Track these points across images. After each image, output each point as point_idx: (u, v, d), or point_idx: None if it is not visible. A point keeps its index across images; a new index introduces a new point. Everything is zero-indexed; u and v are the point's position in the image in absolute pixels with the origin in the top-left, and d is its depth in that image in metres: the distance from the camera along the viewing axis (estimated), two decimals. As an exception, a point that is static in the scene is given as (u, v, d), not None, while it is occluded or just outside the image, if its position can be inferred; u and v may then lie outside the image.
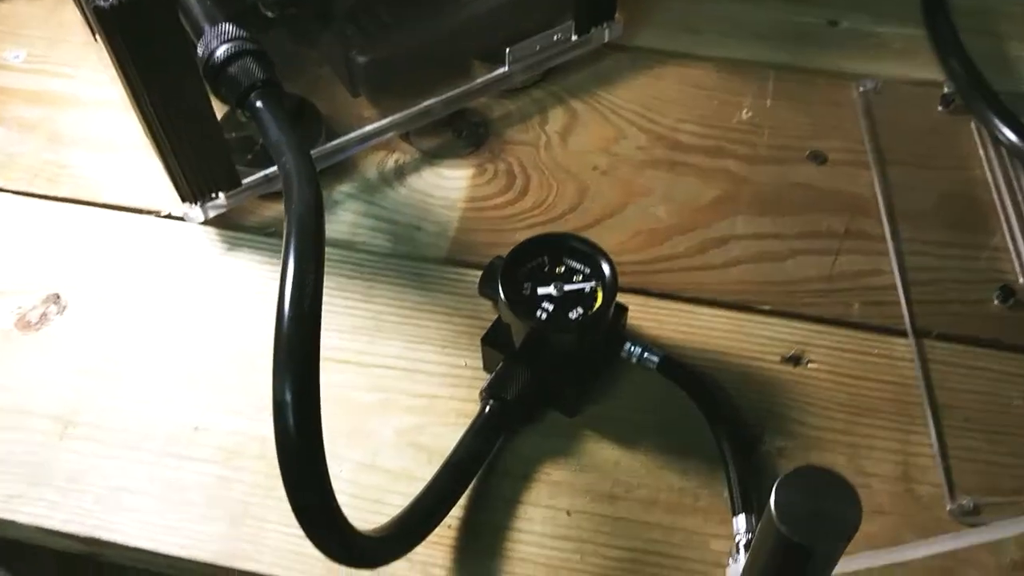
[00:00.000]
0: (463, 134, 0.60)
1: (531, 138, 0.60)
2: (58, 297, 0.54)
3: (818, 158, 0.59)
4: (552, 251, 0.48)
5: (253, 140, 0.56)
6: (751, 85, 0.62)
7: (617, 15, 0.62)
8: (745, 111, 0.61)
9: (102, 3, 0.42)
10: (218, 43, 0.47)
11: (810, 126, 0.60)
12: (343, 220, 0.57)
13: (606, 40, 0.63)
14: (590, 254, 0.47)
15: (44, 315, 0.53)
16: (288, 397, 0.34)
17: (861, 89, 0.61)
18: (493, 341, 0.49)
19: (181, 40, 0.46)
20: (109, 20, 0.43)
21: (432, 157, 0.59)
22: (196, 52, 0.47)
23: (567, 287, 0.47)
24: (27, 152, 0.60)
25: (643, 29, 0.66)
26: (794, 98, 0.62)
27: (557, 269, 0.47)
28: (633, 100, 0.62)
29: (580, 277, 0.47)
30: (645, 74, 0.63)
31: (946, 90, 0.60)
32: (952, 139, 0.59)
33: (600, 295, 0.46)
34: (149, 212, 0.57)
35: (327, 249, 0.55)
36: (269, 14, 0.50)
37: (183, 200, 0.53)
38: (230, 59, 0.46)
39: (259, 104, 0.45)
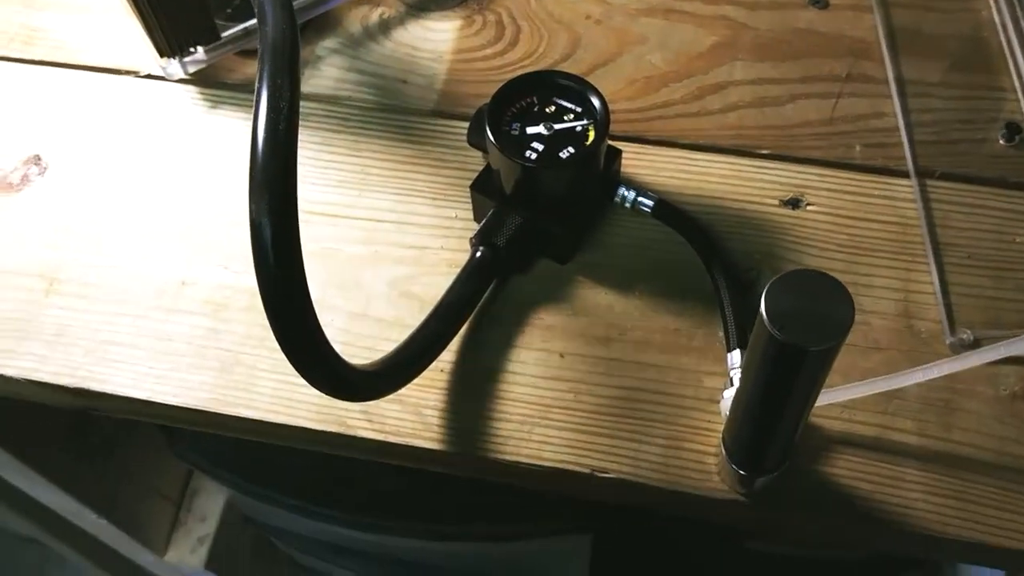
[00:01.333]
0: (452, -14, 0.58)
1: (523, -8, 0.58)
2: (39, 159, 0.53)
3: (819, 3, 0.56)
4: (541, 90, 0.46)
5: (232, -6, 0.54)
6: (750, -70, 0.60)
7: None
8: (744, -44, 0.58)
9: None
10: None
11: (811, -30, 0.58)
12: (327, 75, 0.55)
13: None
14: (580, 91, 0.46)
15: (25, 176, 0.52)
16: (265, 217, 0.33)
17: (865, -70, 0.59)
18: (483, 188, 0.47)
19: None
20: None
21: (418, 10, 0.57)
22: None
23: (557, 126, 0.45)
24: (0, 17, 0.58)
25: None
26: (795, -58, 0.59)
27: (547, 109, 0.46)
28: (627, -52, 0.59)
29: (571, 116, 0.46)
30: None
31: (954, -71, 0.58)
32: (959, -21, 0.57)
33: (592, 132, 0.45)
34: (128, 72, 0.56)
35: (311, 104, 0.54)
36: None
37: (161, 55, 0.52)
38: None
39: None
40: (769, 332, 0.30)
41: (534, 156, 0.45)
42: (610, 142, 0.47)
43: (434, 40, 0.56)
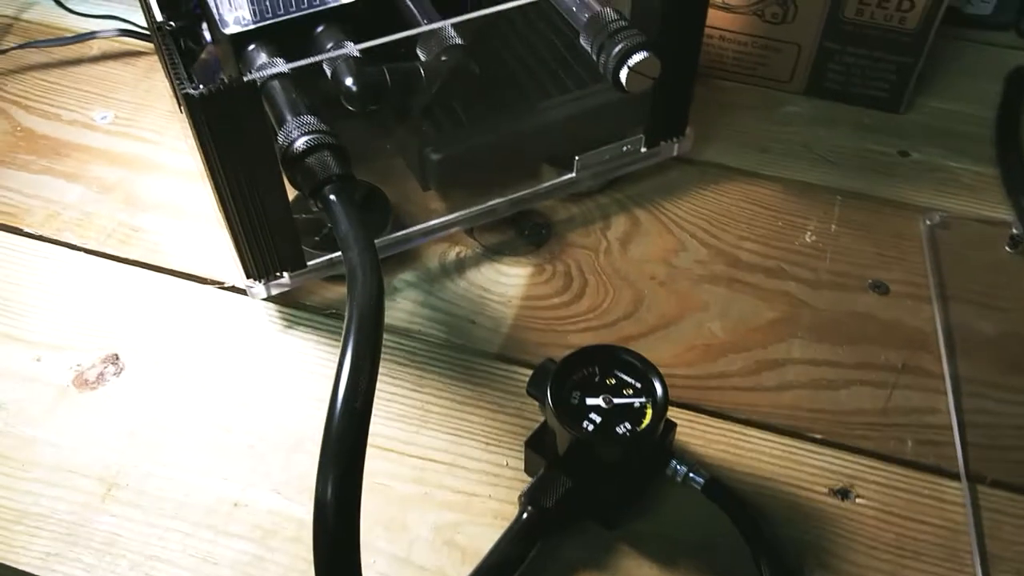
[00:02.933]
0: (526, 233, 0.61)
1: (592, 242, 0.61)
2: (117, 358, 0.55)
3: (879, 288, 0.58)
4: (604, 362, 0.48)
5: (321, 223, 0.57)
6: (817, 209, 0.62)
7: (688, 130, 0.63)
8: (809, 234, 0.61)
9: (191, 91, 0.44)
10: (298, 134, 0.48)
11: (874, 255, 0.60)
12: (401, 308, 0.57)
13: (675, 154, 0.63)
14: (642, 370, 0.47)
15: (101, 375, 0.54)
16: (330, 497, 0.34)
17: (928, 223, 0.61)
18: (537, 445, 0.48)
19: (263, 129, 0.48)
20: (197, 107, 0.45)
21: (493, 253, 0.60)
22: (276, 139, 0.48)
23: (616, 400, 0.46)
24: (103, 212, 0.62)
25: (714, 144, 0.66)
26: (859, 226, 0.62)
27: (608, 381, 0.47)
28: (697, 214, 0.62)
29: (630, 391, 0.47)
30: (711, 189, 0.64)
31: (1014, 231, 0.60)
32: (1018, 281, 0.59)
33: (649, 413, 0.46)
34: (213, 282, 0.59)
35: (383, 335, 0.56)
36: (351, 108, 0.52)
37: (248, 276, 0.54)
38: (308, 151, 0.48)
39: (332, 198, 0.47)
40: None
41: (591, 428, 0.46)
42: (666, 412, 0.48)
43: (505, 284, 0.59)
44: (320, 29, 0.55)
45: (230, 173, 0.48)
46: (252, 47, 0.54)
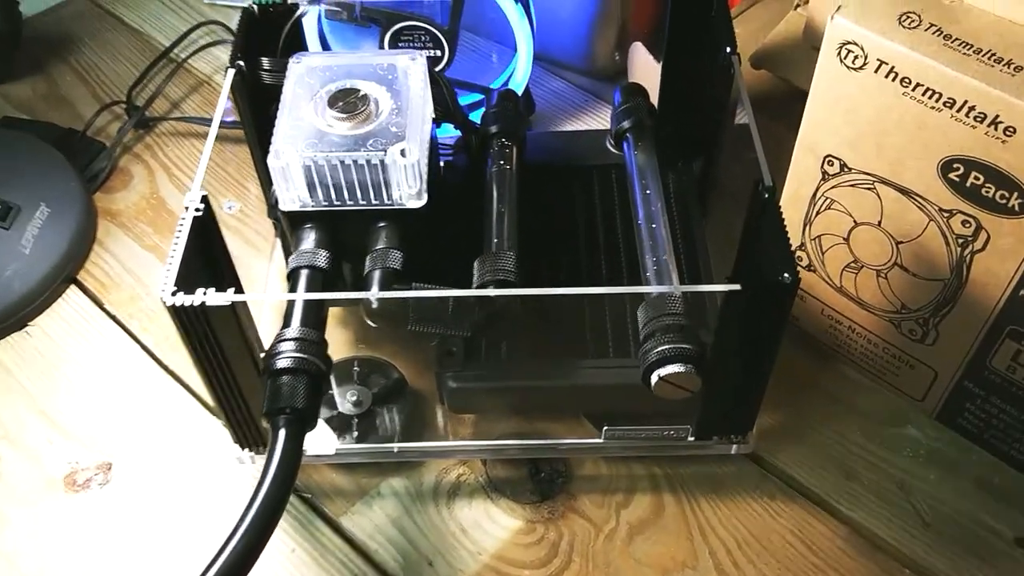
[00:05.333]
0: (541, 476, 0.56)
1: (600, 517, 0.54)
2: (109, 468, 0.57)
3: None
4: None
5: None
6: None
7: (752, 433, 0.54)
8: (843, 606, 0.51)
9: (169, 298, 0.44)
10: (287, 348, 0.46)
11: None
12: (372, 519, 0.54)
13: (732, 453, 0.55)
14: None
15: (89, 481, 0.56)
16: None
17: (996, 654, 0.49)
18: None
19: (239, 341, 0.47)
20: (174, 314, 0.45)
21: (493, 490, 0.56)
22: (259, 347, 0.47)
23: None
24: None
25: (795, 446, 0.57)
26: (909, 620, 0.51)
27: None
28: (731, 527, 0.54)
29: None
30: (763, 504, 0.55)
31: None
32: None
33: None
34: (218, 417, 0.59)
35: (338, 540, 0.54)
36: (368, 321, 0.50)
37: (235, 442, 0.54)
38: (285, 371, 0.46)
39: (281, 430, 0.45)
40: None
41: None
42: None
43: (486, 531, 0.54)
44: (380, 225, 0.52)
45: (206, 363, 0.48)
46: (308, 226, 0.52)
